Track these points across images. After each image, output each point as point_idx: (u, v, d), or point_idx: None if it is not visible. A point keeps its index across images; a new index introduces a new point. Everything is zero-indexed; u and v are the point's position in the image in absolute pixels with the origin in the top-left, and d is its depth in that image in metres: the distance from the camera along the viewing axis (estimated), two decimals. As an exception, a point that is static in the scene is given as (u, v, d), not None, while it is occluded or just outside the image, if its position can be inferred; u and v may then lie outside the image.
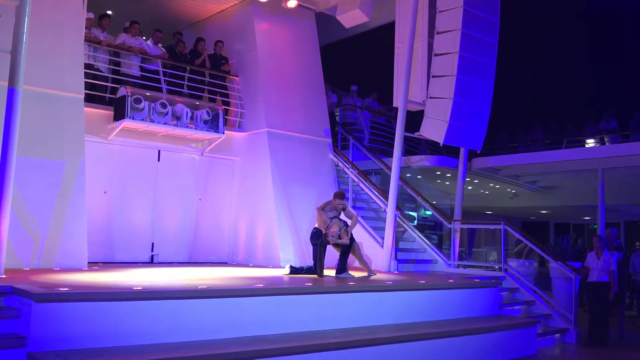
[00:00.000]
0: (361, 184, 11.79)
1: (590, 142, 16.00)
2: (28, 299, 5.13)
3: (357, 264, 9.40)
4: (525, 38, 24.11)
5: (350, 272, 8.92)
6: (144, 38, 11.51)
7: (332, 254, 9.30)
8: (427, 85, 10.59)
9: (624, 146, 13.75)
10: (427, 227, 13.35)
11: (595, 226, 19.80)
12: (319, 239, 8.85)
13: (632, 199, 17.12)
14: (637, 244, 14.26)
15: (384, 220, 10.67)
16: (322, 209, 9.02)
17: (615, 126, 16.02)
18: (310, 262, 9.49)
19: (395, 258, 10.55)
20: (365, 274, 9.09)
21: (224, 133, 10.86)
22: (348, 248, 8.84)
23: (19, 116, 6.83)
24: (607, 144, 15.51)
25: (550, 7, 23.66)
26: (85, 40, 9.62)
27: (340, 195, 9.17)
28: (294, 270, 8.83)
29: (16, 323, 5.21)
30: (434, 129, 10.50)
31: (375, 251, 10.58)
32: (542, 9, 23.65)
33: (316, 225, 9.06)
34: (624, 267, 11.30)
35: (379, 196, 11.35)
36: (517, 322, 8.45)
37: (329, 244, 8.83)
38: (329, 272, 9.00)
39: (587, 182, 15.22)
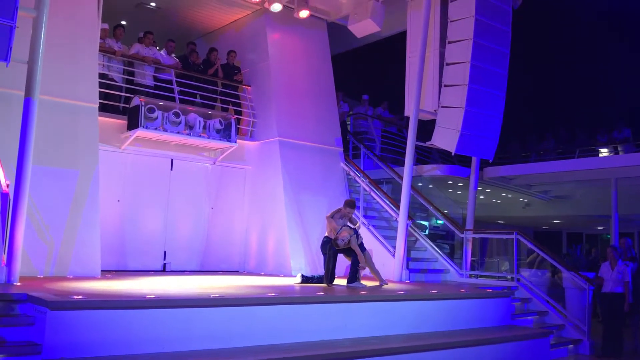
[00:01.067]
0: (372, 193, 11.79)
1: (604, 152, 15.90)
2: (43, 306, 5.17)
3: (369, 272, 9.39)
4: (538, 47, 24.05)
5: (362, 281, 8.91)
6: (158, 48, 11.63)
7: (343, 263, 9.30)
8: (438, 94, 10.59)
9: (638, 156, 13.65)
10: (438, 236, 13.30)
11: (608, 236, 19.65)
12: (329, 248, 8.85)
13: (647, 209, 16.98)
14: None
15: (396, 229, 10.65)
16: (332, 216, 9.03)
17: (628, 135, 15.92)
18: (321, 271, 9.49)
19: (407, 267, 10.51)
20: (376, 283, 9.08)
21: (236, 142, 10.92)
22: (360, 258, 8.82)
23: (34, 125, 6.92)
24: (620, 153, 15.40)
25: (565, 15, 23.61)
26: (99, 51, 9.76)
27: (351, 204, 9.17)
28: (305, 279, 8.83)
29: (31, 330, 5.25)
30: (445, 138, 10.49)
31: (387, 260, 10.56)
32: (556, 17, 23.60)
33: (326, 234, 9.06)
34: (638, 278, 11.19)
35: (391, 205, 11.33)
36: (529, 332, 8.39)
37: (338, 248, 8.82)
38: (341, 282, 9.00)
39: (600, 192, 15.13)
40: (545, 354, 8.34)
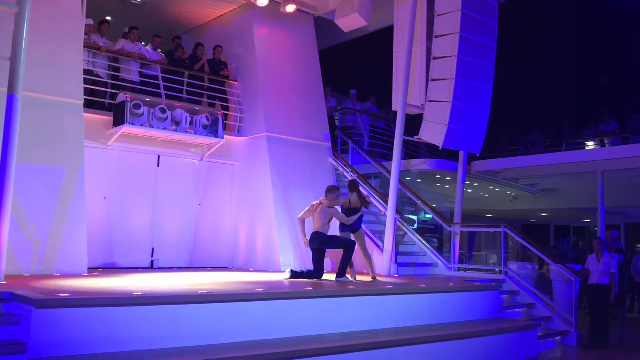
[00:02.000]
0: (361, 188, 11.77)
1: (590, 145, 16.02)
2: (28, 304, 5.13)
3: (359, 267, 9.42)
4: (524, 40, 24.15)
5: (354, 276, 8.93)
6: (143, 43, 11.53)
7: (334, 258, 9.30)
8: (425, 88, 10.61)
9: (624, 148, 13.77)
10: (427, 230, 13.36)
11: (595, 228, 19.82)
12: (318, 244, 8.84)
13: (632, 201, 17.14)
14: (638, 245, 14.26)
15: (384, 223, 10.67)
16: (318, 210, 8.97)
17: (614, 128, 16.05)
18: (310, 266, 9.48)
19: (395, 261, 10.55)
20: (368, 278, 9.10)
21: (223, 138, 10.87)
22: (350, 252, 8.82)
23: (18, 122, 6.84)
24: (606, 146, 15.52)
25: (548, 8, 23.72)
26: (84, 46, 9.64)
27: (330, 189, 9.02)
28: (294, 274, 8.82)
29: (16, 329, 5.20)
30: (433, 132, 10.51)
31: (375, 255, 10.58)
32: (539, 10, 23.71)
33: (315, 230, 9.02)
34: (623, 270, 11.30)
35: (379, 200, 11.35)
36: (517, 324, 8.45)
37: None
38: (329, 276, 9.00)
39: (587, 185, 15.23)
40: (533, 346, 8.41)
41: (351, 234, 9.18)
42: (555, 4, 23.85)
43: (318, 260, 8.83)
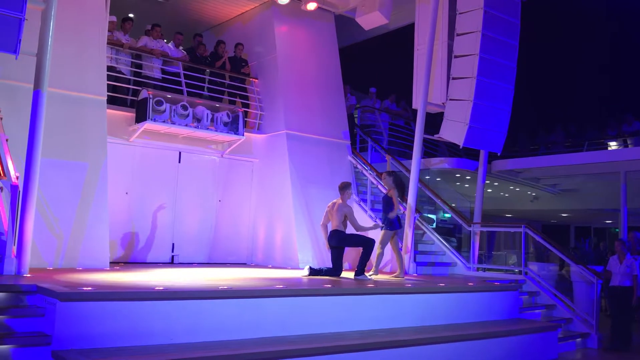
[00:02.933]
0: (380, 186, 11.77)
1: (613, 145, 15.79)
2: (53, 298, 5.21)
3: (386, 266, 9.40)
4: (546, 39, 23.89)
5: (375, 275, 8.95)
6: (165, 41, 11.63)
7: (351, 257, 9.31)
8: (447, 87, 10.54)
9: (647, 149, 13.56)
10: (446, 229, 13.26)
11: (617, 230, 19.54)
12: (336, 242, 8.85)
13: (655, 203, 16.86)
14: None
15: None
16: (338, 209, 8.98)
17: (638, 128, 15.79)
18: (329, 263, 9.50)
19: (414, 260, 10.51)
20: (387, 277, 9.10)
21: (243, 135, 10.93)
22: (369, 250, 8.82)
23: (43, 118, 6.95)
24: (629, 146, 15.29)
25: (573, 7, 23.43)
26: (107, 43, 9.76)
27: (343, 185, 9.17)
28: (313, 271, 8.85)
29: (41, 321, 5.29)
30: (453, 131, 10.44)
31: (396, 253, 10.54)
32: (564, 10, 23.42)
33: (333, 228, 9.03)
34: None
35: (398, 198, 11.29)
36: (537, 325, 8.38)
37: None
38: (349, 274, 9.01)
39: (609, 185, 15.03)
40: (553, 348, 8.34)
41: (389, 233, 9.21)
42: (580, 3, 23.56)
43: (337, 258, 8.86)
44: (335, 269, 8.82)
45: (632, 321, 9.58)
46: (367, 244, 8.84)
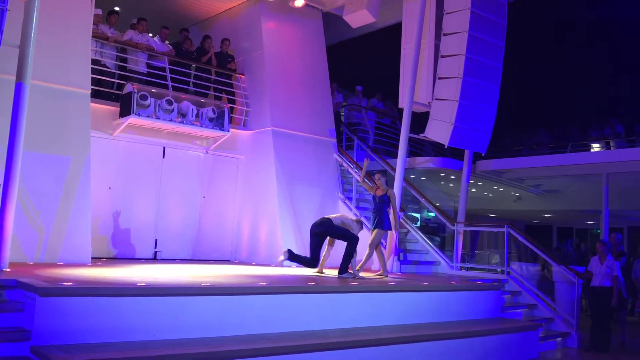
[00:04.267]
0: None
1: (596, 147, 15.97)
2: (32, 292, 5.14)
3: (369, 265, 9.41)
4: (531, 42, 24.07)
5: (360, 274, 8.96)
6: (151, 35, 11.54)
7: (335, 253, 9.30)
8: (433, 86, 10.58)
9: (629, 151, 13.74)
10: (430, 228, 13.34)
11: (598, 231, 19.78)
12: (323, 229, 8.79)
13: (636, 205, 17.08)
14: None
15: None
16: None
17: (620, 131, 15.99)
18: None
19: (398, 259, 10.54)
20: (372, 275, 9.11)
21: (229, 131, 10.87)
22: (353, 247, 8.81)
23: (26, 111, 6.86)
24: (612, 149, 15.47)
25: (555, 11, 23.63)
26: (92, 37, 9.64)
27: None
28: (292, 255, 8.77)
29: (20, 316, 5.22)
30: (439, 131, 10.49)
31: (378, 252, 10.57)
32: (547, 13, 23.62)
33: (328, 217, 8.97)
34: (625, 273, 11.26)
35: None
36: (519, 325, 8.45)
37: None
38: (332, 272, 9.01)
39: (591, 187, 15.20)
40: (534, 347, 8.41)
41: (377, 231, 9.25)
42: (565, 6, 23.76)
43: (317, 248, 8.85)
44: (313, 260, 8.81)
45: (611, 321, 9.70)
46: (352, 240, 8.80)
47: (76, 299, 5.20)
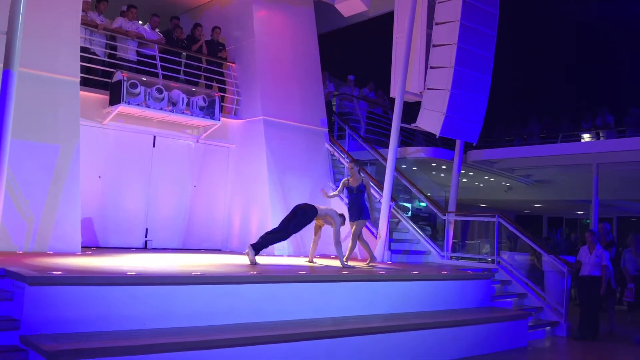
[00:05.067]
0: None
1: (586, 137, 16.05)
2: (21, 281, 5.11)
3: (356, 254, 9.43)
4: (523, 32, 24.07)
5: (350, 263, 8.96)
6: (141, 22, 11.43)
7: (321, 243, 9.30)
8: (424, 76, 10.56)
9: (619, 141, 13.82)
10: (421, 218, 13.38)
11: (587, 221, 19.91)
12: (302, 210, 8.53)
13: (626, 195, 17.21)
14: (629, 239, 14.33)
15: (379, 210, 10.67)
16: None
17: (610, 122, 16.06)
18: (305, 250, 9.42)
19: (389, 248, 10.57)
20: (362, 264, 9.12)
21: (219, 120, 10.82)
22: (280, 236, 8.45)
23: (13, 98, 6.77)
24: (602, 139, 15.55)
25: (547, 4, 23.64)
26: (82, 24, 9.53)
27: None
28: (258, 247, 8.21)
29: (9, 306, 5.20)
30: (430, 121, 10.49)
31: (369, 241, 10.56)
32: (539, 3, 23.62)
33: (317, 206, 8.77)
34: (616, 263, 11.37)
35: (374, 187, 11.34)
36: (508, 314, 8.51)
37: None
38: (323, 261, 9.02)
39: (581, 177, 15.29)
40: (523, 335, 8.48)
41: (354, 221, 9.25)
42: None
43: (289, 221, 8.44)
44: (282, 230, 8.37)
45: (600, 310, 9.79)
46: (283, 230, 8.43)
47: (65, 288, 5.17)
